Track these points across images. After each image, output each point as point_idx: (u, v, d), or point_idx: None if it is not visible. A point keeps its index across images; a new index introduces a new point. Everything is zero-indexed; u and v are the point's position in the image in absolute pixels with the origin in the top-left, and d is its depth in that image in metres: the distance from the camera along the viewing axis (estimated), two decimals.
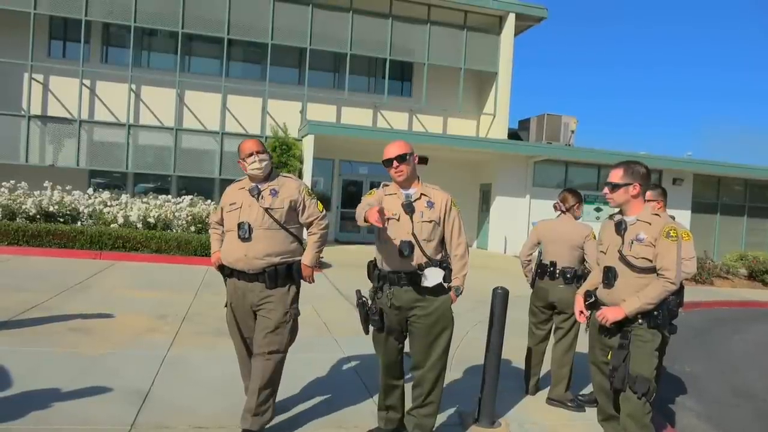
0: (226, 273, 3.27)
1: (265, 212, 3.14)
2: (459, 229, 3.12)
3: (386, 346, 3.17)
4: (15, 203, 10.35)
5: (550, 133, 16.64)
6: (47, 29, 14.47)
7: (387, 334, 3.12)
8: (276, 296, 3.15)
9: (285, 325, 3.18)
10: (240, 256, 3.13)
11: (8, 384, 3.62)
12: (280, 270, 3.13)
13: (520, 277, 4.79)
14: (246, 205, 3.17)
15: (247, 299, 3.19)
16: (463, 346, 5.54)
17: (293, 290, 3.23)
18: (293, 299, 3.23)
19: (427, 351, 3.07)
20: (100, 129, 14.23)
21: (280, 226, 3.15)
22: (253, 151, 3.15)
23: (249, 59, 16.16)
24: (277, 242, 3.15)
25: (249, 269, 3.13)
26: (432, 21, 15.94)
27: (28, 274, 7.59)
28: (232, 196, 3.28)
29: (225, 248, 3.24)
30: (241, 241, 3.12)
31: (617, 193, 2.93)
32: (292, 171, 13.57)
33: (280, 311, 3.16)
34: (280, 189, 3.19)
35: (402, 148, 3.08)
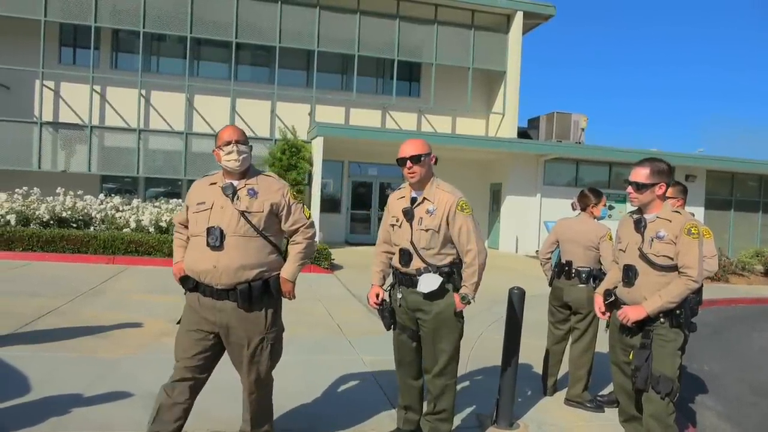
0: (189, 286, 2.72)
1: (240, 216, 2.64)
2: (468, 235, 2.90)
3: (398, 343, 3.14)
4: (29, 209, 10.43)
5: (560, 132, 16.54)
6: (57, 36, 14.59)
7: (399, 332, 3.10)
8: (250, 320, 2.67)
9: (262, 352, 2.73)
10: (208, 267, 2.61)
11: (26, 389, 3.63)
12: (255, 287, 2.64)
13: (532, 277, 4.76)
14: (218, 205, 2.67)
15: (213, 320, 2.67)
16: (477, 346, 5.50)
17: (270, 311, 2.74)
18: (272, 322, 2.75)
19: (432, 356, 3.01)
20: (111, 134, 14.32)
21: (257, 233, 2.66)
22: (232, 139, 2.68)
23: (257, 62, 16.21)
24: (253, 252, 2.65)
25: (218, 284, 2.62)
26: (439, 21, 15.90)
27: (43, 280, 7.64)
28: (201, 194, 2.76)
29: (190, 256, 2.71)
30: (210, 249, 2.61)
31: (644, 194, 2.85)
32: (302, 173, 13.59)
33: (254, 338, 2.69)
34: (260, 189, 2.72)
35: (418, 148, 2.95)
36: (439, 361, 2.99)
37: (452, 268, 2.96)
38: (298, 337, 5.50)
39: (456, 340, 3.00)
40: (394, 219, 3.06)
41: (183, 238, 2.90)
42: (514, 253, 15.42)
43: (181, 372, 2.70)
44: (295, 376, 4.29)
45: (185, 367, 2.69)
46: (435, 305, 2.94)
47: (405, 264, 2.96)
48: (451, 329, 2.97)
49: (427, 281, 2.90)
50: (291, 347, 5.08)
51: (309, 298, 7.74)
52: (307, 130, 15.14)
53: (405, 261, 2.95)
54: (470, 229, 2.92)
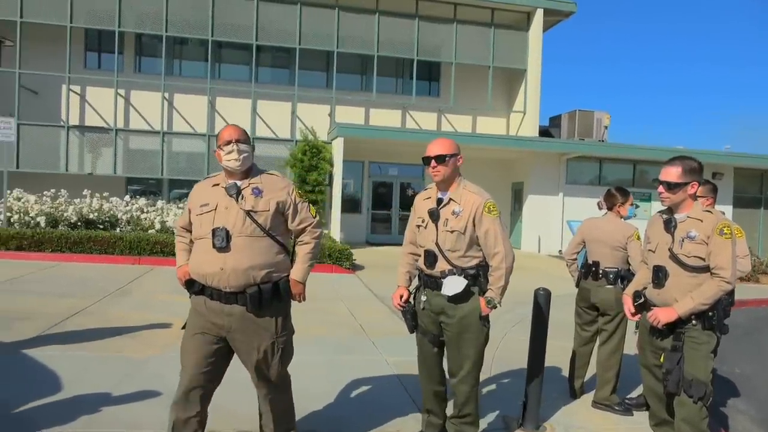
0: (195, 290, 2.65)
1: (246, 215, 2.58)
2: (495, 237, 2.84)
3: (421, 347, 3.10)
4: (57, 211, 10.66)
5: (582, 130, 16.33)
6: (83, 41, 14.88)
7: (422, 335, 3.06)
8: (259, 324, 2.60)
9: (273, 356, 2.65)
10: (214, 269, 2.54)
11: (58, 387, 3.71)
12: (265, 291, 2.57)
13: (555, 277, 4.71)
14: (222, 206, 2.61)
15: (220, 325, 2.60)
16: (502, 348, 5.46)
17: (281, 315, 2.67)
18: (282, 326, 2.67)
19: (457, 360, 2.95)
20: (136, 137, 14.56)
21: (264, 232, 2.60)
22: (232, 138, 2.61)
23: (277, 64, 16.33)
24: (260, 252, 2.58)
25: (226, 287, 2.54)
26: (459, 20, 15.82)
27: (72, 280, 7.80)
28: (204, 195, 2.70)
29: (195, 260, 2.64)
30: (216, 251, 2.54)
31: (676, 193, 2.78)
32: (323, 174, 13.66)
33: (265, 342, 2.62)
34: (265, 188, 2.66)
35: (444, 147, 2.90)
36: (464, 366, 2.93)
37: (478, 271, 2.90)
38: (322, 337, 5.53)
39: (481, 345, 2.94)
40: (419, 220, 3.02)
41: (185, 241, 2.82)
42: (536, 252, 15.27)
43: (189, 381, 2.62)
44: (319, 376, 4.31)
45: (193, 375, 2.61)
46: (459, 309, 2.88)
47: (430, 265, 2.92)
48: (476, 334, 2.90)
49: (451, 284, 2.85)
50: (314, 347, 5.13)
51: (331, 298, 7.78)
52: (327, 130, 15.20)
53: (430, 262, 2.91)
54: (497, 232, 2.85)
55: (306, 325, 6.00)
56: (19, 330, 5.02)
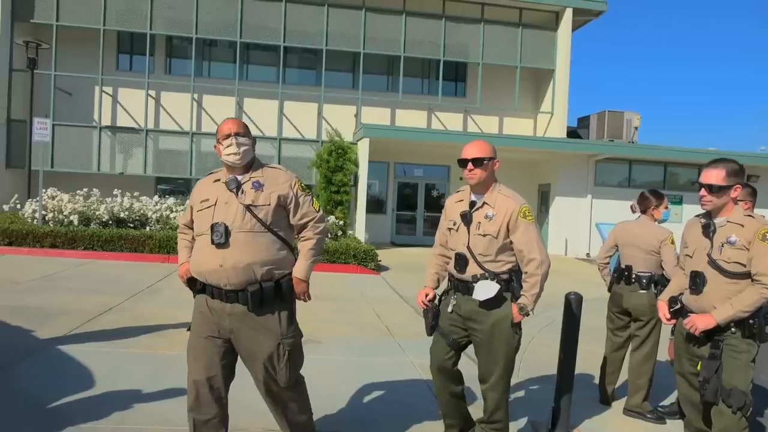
0: (196, 288, 2.59)
1: (246, 210, 2.49)
2: (530, 243, 2.77)
3: (435, 347, 3.01)
4: (89, 210, 10.91)
5: (611, 131, 16.06)
6: (115, 44, 15.22)
7: (441, 336, 2.98)
8: (262, 323, 2.50)
9: (280, 359, 2.53)
10: (214, 266, 2.46)
11: (91, 383, 3.79)
12: (266, 288, 2.48)
13: (583, 280, 4.63)
14: (222, 201, 2.53)
15: (223, 325, 2.51)
16: (529, 351, 5.39)
17: (285, 314, 2.57)
18: (287, 325, 2.56)
19: (487, 367, 2.88)
20: (165, 137, 14.83)
21: (265, 227, 2.50)
22: (231, 132, 2.54)
23: (304, 65, 16.44)
24: (261, 248, 2.49)
25: (226, 284, 2.46)
26: (486, 20, 15.71)
27: (103, 278, 7.97)
28: (205, 191, 2.64)
29: (195, 257, 2.57)
30: (215, 247, 2.46)
31: (720, 197, 2.69)
32: (348, 174, 13.70)
33: (270, 343, 2.51)
34: (266, 182, 2.57)
35: (481, 150, 2.84)
36: (494, 372, 2.87)
37: (511, 276, 2.84)
38: (348, 338, 5.54)
39: (512, 352, 2.87)
40: (451, 222, 2.97)
41: (188, 238, 2.74)
42: (563, 255, 15.07)
43: (198, 385, 2.55)
44: (345, 377, 4.32)
45: (201, 380, 2.54)
46: (491, 315, 2.81)
47: (461, 269, 2.87)
48: (507, 341, 2.83)
49: (483, 289, 2.79)
50: (341, 348, 5.14)
51: (356, 299, 7.79)
52: (353, 131, 15.25)
53: (461, 266, 2.86)
54: (532, 237, 2.79)
55: (332, 325, 6.03)
56: (54, 326, 5.15)
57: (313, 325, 5.92)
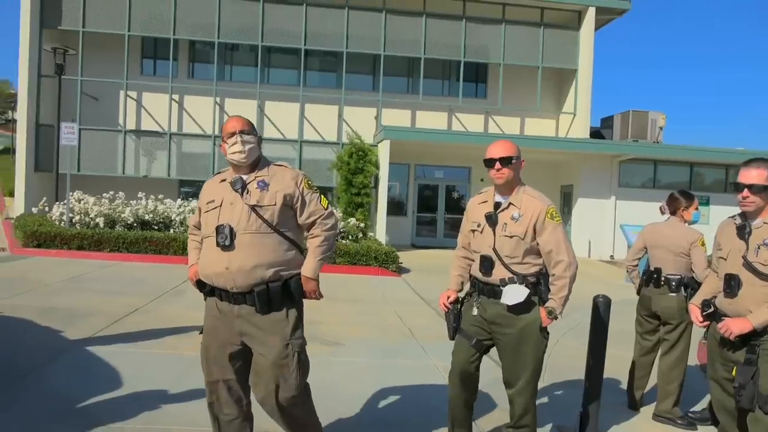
0: (205, 291, 2.56)
1: (251, 210, 2.43)
2: (557, 245, 2.72)
3: (458, 349, 2.92)
4: (115, 212, 11.09)
5: (635, 131, 15.81)
6: (140, 49, 15.48)
7: (464, 338, 2.91)
8: (270, 324, 2.44)
9: (289, 362, 2.45)
10: (220, 269, 2.41)
11: (119, 384, 3.83)
12: (273, 289, 2.42)
13: (607, 282, 4.56)
14: (227, 202, 2.47)
15: (233, 328, 2.48)
16: (554, 355, 5.31)
17: (293, 314, 2.49)
18: (294, 326, 2.49)
19: (514, 371, 2.83)
20: (188, 141, 15.02)
21: (271, 228, 2.44)
22: (236, 130, 2.48)
23: (325, 68, 16.53)
24: (268, 250, 2.43)
25: (233, 287, 2.41)
26: (507, 20, 15.61)
27: (128, 279, 8.08)
28: (211, 192, 2.59)
29: (202, 259, 2.53)
30: (220, 249, 2.41)
31: (763, 197, 2.60)
32: (369, 176, 13.71)
33: (278, 345, 2.43)
34: (271, 180, 2.50)
35: (508, 149, 2.80)
36: (522, 377, 2.82)
37: (538, 279, 2.79)
38: (370, 340, 5.53)
39: (540, 357, 2.83)
40: (474, 224, 2.91)
41: (197, 239, 2.70)
42: (586, 257, 14.87)
43: (214, 387, 2.55)
44: (369, 379, 4.30)
45: (218, 382, 2.54)
46: (519, 319, 2.74)
47: (486, 272, 2.80)
48: (536, 345, 2.77)
49: (512, 293, 2.72)
50: (363, 350, 5.13)
51: (378, 300, 7.78)
52: (373, 133, 15.26)
53: (486, 269, 2.79)
54: (560, 239, 2.74)
55: (354, 327, 6.03)
56: (82, 327, 5.24)
57: (335, 327, 5.94)
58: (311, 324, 5.93)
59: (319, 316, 6.37)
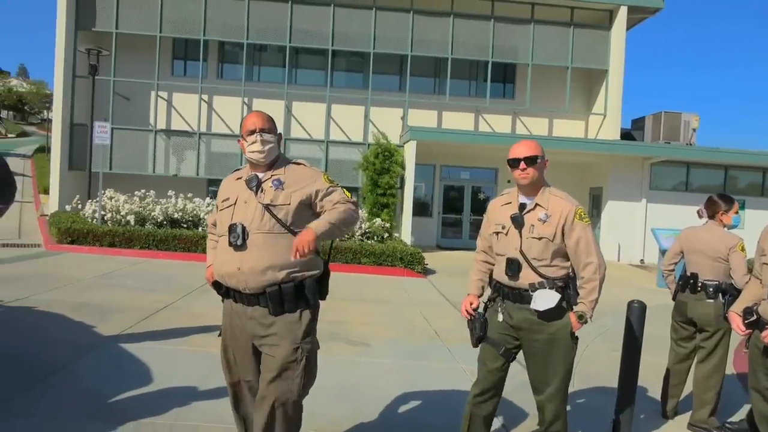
0: (221, 291, 2.49)
1: (265, 210, 2.35)
2: (587, 246, 2.63)
3: (487, 361, 2.81)
4: (145, 210, 11.29)
5: (668, 133, 15.44)
6: (170, 50, 15.73)
7: (491, 346, 2.81)
8: (282, 325, 2.36)
9: (296, 366, 2.36)
10: (232, 269, 2.35)
11: (149, 379, 3.89)
12: (286, 290, 2.33)
13: (637, 287, 4.46)
14: (241, 200, 2.40)
15: (246, 329, 2.42)
16: (584, 360, 5.20)
17: (306, 316, 2.40)
18: (307, 329, 2.40)
19: (544, 378, 2.75)
20: (217, 140, 15.21)
21: (285, 228, 2.35)
22: (256, 128, 2.39)
23: (352, 69, 16.56)
24: (281, 251, 2.34)
25: (245, 288, 2.35)
26: (536, 20, 15.42)
27: (158, 276, 8.21)
28: (227, 190, 2.53)
29: (217, 258, 2.47)
30: (233, 249, 2.35)
31: None
32: (394, 177, 13.69)
33: (287, 346, 2.35)
34: (287, 179, 2.41)
35: (533, 149, 2.71)
36: (552, 383, 2.74)
37: (567, 283, 2.71)
38: (396, 342, 5.51)
39: (570, 363, 2.75)
40: (498, 227, 2.81)
41: (215, 239, 2.60)
42: (616, 261, 14.59)
43: (235, 387, 2.53)
44: (395, 380, 4.28)
45: (239, 383, 2.52)
46: (549, 325, 2.65)
47: (513, 275, 2.70)
48: (566, 351, 2.70)
49: (543, 298, 2.64)
50: (389, 351, 5.11)
51: (404, 301, 7.75)
52: (399, 134, 15.24)
53: (513, 272, 2.70)
54: (590, 240, 2.65)
55: (380, 328, 6.01)
56: (114, 322, 5.33)
57: (360, 327, 5.93)
58: (337, 323, 5.96)
59: (344, 316, 6.38)
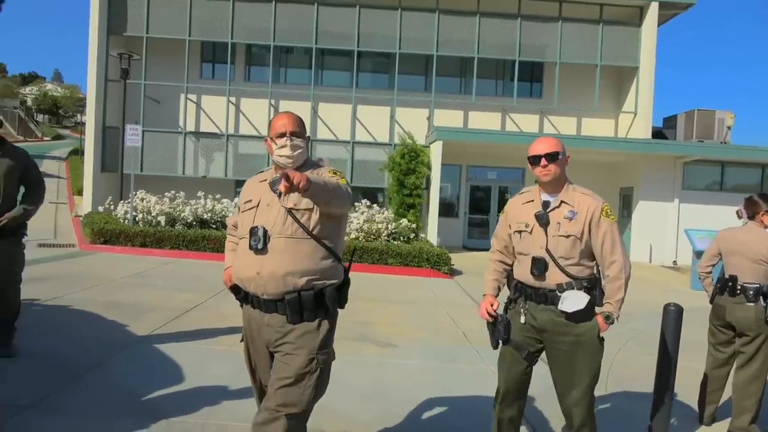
0: (240, 296, 2.39)
1: (287, 213, 2.25)
2: (612, 244, 2.59)
3: (511, 365, 2.76)
4: (175, 211, 11.49)
5: (701, 131, 15.05)
6: (199, 53, 15.98)
7: (515, 350, 2.74)
8: (299, 334, 2.26)
9: (309, 376, 2.25)
10: (251, 274, 2.27)
11: (181, 378, 3.94)
12: (305, 297, 2.24)
13: (670, 289, 4.35)
14: (264, 203, 2.31)
15: (263, 336, 2.33)
16: (616, 364, 5.10)
17: (324, 326, 2.31)
18: (324, 339, 2.30)
19: (571, 381, 2.66)
20: (244, 142, 15.39)
21: (308, 233, 2.26)
22: (287, 131, 2.31)
23: (377, 69, 16.57)
24: (302, 256, 2.24)
25: (263, 294, 2.26)
26: (564, 17, 15.20)
27: (188, 276, 8.34)
28: (250, 191, 2.44)
29: (236, 262, 2.39)
30: (253, 252, 2.26)
31: None
32: (420, 177, 13.65)
33: (302, 356, 2.25)
34: None
35: (554, 145, 2.66)
36: (580, 386, 2.66)
37: (593, 283, 2.65)
38: (424, 343, 5.48)
39: (598, 365, 2.67)
40: (521, 225, 2.73)
41: (235, 240, 2.53)
42: (647, 262, 14.27)
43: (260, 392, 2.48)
44: (424, 383, 4.26)
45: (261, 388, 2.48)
46: (576, 327, 2.58)
47: (539, 275, 2.63)
48: (594, 353, 2.62)
49: (572, 300, 2.57)
50: (418, 352, 5.09)
51: (430, 302, 7.71)
52: (425, 134, 15.19)
53: (539, 272, 2.62)
54: (616, 238, 2.60)
55: (407, 329, 5.99)
56: (146, 322, 5.43)
57: (387, 328, 5.92)
58: (365, 324, 5.96)
59: (371, 316, 6.37)
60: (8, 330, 4.11)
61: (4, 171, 3.87)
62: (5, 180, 3.88)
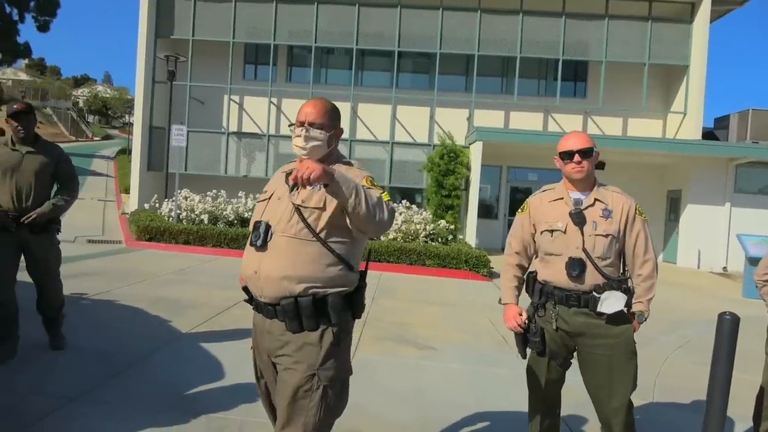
0: (247, 298, 2.16)
1: (295, 210, 1.99)
2: (645, 243, 2.56)
3: (547, 375, 2.66)
4: (217, 210, 11.73)
5: (755, 131, 14.41)
6: (242, 55, 16.29)
7: (550, 359, 2.63)
8: (297, 347, 1.99)
9: (310, 396, 1.96)
10: (250, 272, 2.04)
11: (221, 374, 3.99)
12: (303, 304, 1.95)
13: (720, 297, 4.14)
14: (276, 197, 2.09)
15: (264, 343, 2.09)
16: (663, 373, 4.91)
17: (328, 337, 2.00)
18: (328, 353, 1.99)
19: (609, 388, 2.55)
20: (285, 142, 15.58)
21: (314, 235, 1.97)
22: (305, 120, 2.05)
23: (417, 70, 16.53)
24: (304, 261, 1.96)
25: (261, 295, 2.02)
26: (610, 15, 14.80)
27: (228, 274, 8.48)
28: (271, 182, 2.22)
29: (243, 258, 2.13)
30: (253, 249, 2.03)
31: None
32: (460, 178, 13.52)
33: (300, 372, 1.97)
34: None
35: (587, 141, 2.59)
36: (618, 393, 2.55)
37: (626, 284, 2.58)
38: (464, 346, 5.41)
39: (635, 371, 2.57)
40: (553, 224, 2.62)
41: None
42: (695, 268, 13.75)
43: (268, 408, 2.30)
44: (464, 387, 4.20)
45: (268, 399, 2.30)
46: (613, 329, 2.52)
47: (578, 277, 2.51)
48: (631, 356, 2.55)
49: (611, 301, 2.48)
50: (457, 356, 5.03)
51: (469, 304, 7.62)
52: (465, 134, 15.05)
53: (577, 273, 2.51)
54: (648, 237, 2.60)
55: (446, 332, 5.93)
56: (188, 317, 5.54)
57: (426, 330, 5.87)
58: (403, 325, 5.93)
59: (410, 317, 6.33)
60: (54, 324, 4.22)
61: (36, 168, 3.89)
62: (36, 177, 3.88)
